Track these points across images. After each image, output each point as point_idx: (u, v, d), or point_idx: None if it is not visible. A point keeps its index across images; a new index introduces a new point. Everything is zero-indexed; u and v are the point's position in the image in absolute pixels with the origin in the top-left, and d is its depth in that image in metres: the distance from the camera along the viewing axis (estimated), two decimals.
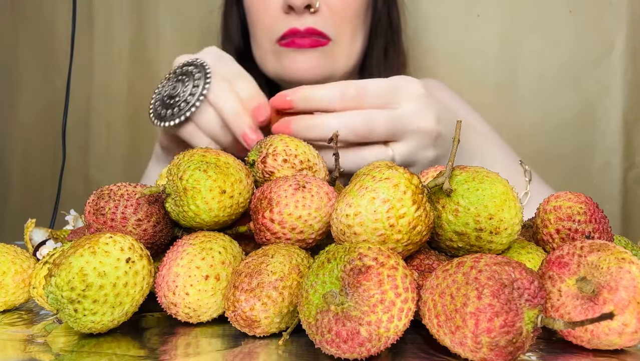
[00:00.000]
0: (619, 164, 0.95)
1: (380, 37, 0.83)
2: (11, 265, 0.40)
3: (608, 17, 0.93)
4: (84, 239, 0.34)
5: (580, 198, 0.39)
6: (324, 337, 0.29)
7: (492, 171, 0.36)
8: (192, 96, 0.57)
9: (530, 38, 0.97)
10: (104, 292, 0.32)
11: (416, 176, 0.33)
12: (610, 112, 0.94)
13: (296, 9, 0.70)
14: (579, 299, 0.30)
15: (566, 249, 0.32)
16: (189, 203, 0.36)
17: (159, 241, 0.40)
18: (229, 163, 0.38)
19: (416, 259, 0.36)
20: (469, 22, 0.99)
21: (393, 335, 0.29)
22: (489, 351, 0.28)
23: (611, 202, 0.95)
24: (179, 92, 0.58)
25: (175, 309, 0.36)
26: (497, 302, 0.27)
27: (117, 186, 0.40)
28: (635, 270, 0.30)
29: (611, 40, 0.94)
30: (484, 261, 0.29)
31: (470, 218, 0.34)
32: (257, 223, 0.38)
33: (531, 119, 0.97)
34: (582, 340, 0.31)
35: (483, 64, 0.99)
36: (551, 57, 0.96)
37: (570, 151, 0.96)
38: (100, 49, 1.13)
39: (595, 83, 0.95)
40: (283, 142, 0.43)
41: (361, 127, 0.52)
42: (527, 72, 0.97)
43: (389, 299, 0.28)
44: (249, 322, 0.33)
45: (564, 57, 0.96)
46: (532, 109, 0.97)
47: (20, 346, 0.33)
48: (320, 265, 0.31)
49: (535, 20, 0.96)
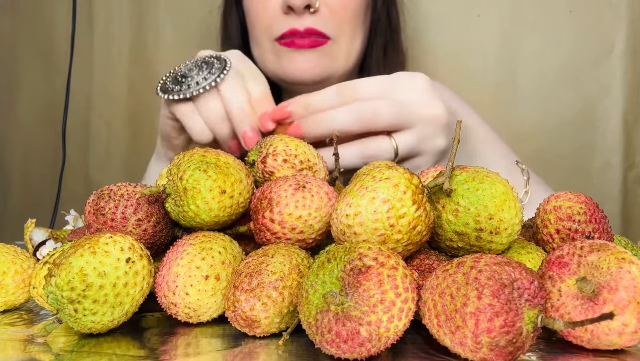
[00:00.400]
0: (619, 164, 0.95)
1: (379, 37, 0.84)
2: (11, 265, 0.40)
3: (608, 17, 0.93)
4: (84, 239, 0.34)
5: (580, 198, 0.39)
6: (324, 337, 0.29)
7: (492, 171, 0.36)
8: (205, 80, 0.58)
9: (530, 38, 0.97)
10: (104, 292, 0.32)
11: (416, 176, 0.33)
12: (610, 112, 0.94)
13: (296, 10, 0.70)
14: (579, 299, 0.30)
15: (566, 249, 0.32)
16: (189, 203, 0.36)
17: (159, 241, 0.40)
18: (229, 163, 0.38)
19: (416, 259, 0.36)
20: (469, 22, 0.99)
21: (393, 335, 0.29)
22: (489, 351, 0.28)
23: (611, 202, 0.95)
24: (194, 74, 0.59)
25: (175, 309, 0.36)
26: (497, 302, 0.27)
27: (117, 186, 0.40)
28: (635, 270, 0.30)
29: (611, 40, 0.94)
30: (484, 261, 0.29)
31: (470, 218, 0.34)
32: (257, 223, 0.38)
33: (531, 119, 0.97)
34: (582, 340, 0.31)
35: (483, 64, 0.99)
36: (551, 57, 0.96)
37: (570, 151, 0.96)
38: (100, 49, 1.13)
39: (595, 83, 0.95)
40: (283, 142, 0.43)
41: (366, 115, 0.52)
42: (527, 72, 0.97)
43: (389, 300, 0.28)
44: (249, 322, 0.33)
45: (564, 57, 0.96)
46: (532, 109, 0.97)
47: (20, 346, 0.33)
48: (320, 265, 0.31)
49: (535, 20, 0.96)
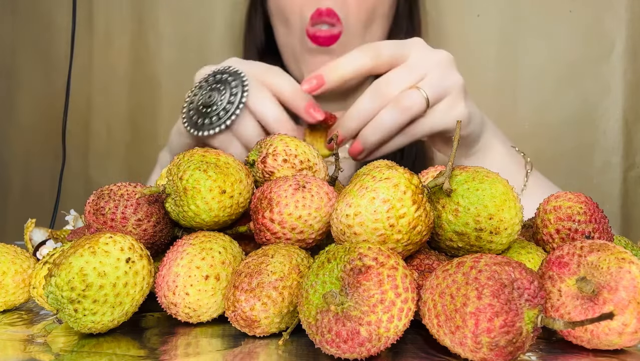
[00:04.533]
0: (619, 164, 0.95)
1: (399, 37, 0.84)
2: (11, 265, 0.40)
3: (608, 17, 0.93)
4: (84, 239, 0.34)
5: (580, 198, 0.39)
6: (324, 337, 0.29)
7: (492, 171, 0.36)
8: (231, 104, 0.56)
9: (530, 38, 0.97)
10: (104, 292, 0.32)
11: (416, 176, 0.33)
12: (610, 112, 0.94)
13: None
14: (579, 299, 0.30)
15: (566, 249, 0.32)
16: (189, 203, 0.36)
17: (159, 241, 0.40)
18: (229, 163, 0.38)
19: (416, 259, 0.36)
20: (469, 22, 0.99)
21: (393, 335, 0.29)
22: (489, 351, 0.28)
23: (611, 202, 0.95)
24: (216, 100, 0.57)
25: (175, 309, 0.36)
26: (497, 302, 0.27)
27: (117, 186, 0.40)
28: (635, 270, 0.30)
29: (611, 40, 0.94)
30: (484, 261, 0.29)
31: (470, 218, 0.34)
32: (257, 223, 0.38)
33: (531, 119, 0.97)
34: (582, 340, 0.31)
35: (483, 64, 0.99)
36: (551, 57, 0.96)
37: (570, 150, 0.96)
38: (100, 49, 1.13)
39: (595, 83, 0.95)
40: (283, 143, 0.43)
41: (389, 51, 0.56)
42: (527, 72, 0.97)
43: (389, 299, 0.28)
44: (249, 322, 0.33)
45: (564, 57, 0.96)
46: (532, 109, 0.97)
47: (20, 346, 0.33)
48: (320, 265, 0.31)
49: (535, 20, 0.96)
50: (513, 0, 0.97)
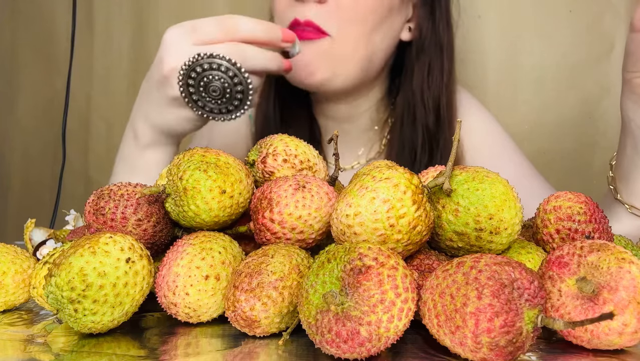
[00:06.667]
0: None
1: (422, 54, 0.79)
2: (11, 265, 0.40)
3: (608, 17, 0.93)
4: (84, 239, 0.34)
5: (580, 198, 0.39)
6: (324, 337, 0.29)
7: (492, 171, 0.36)
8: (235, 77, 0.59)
9: (530, 38, 0.97)
10: (104, 292, 0.32)
11: (416, 176, 0.33)
12: (610, 112, 0.94)
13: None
14: (579, 299, 0.30)
15: (566, 249, 0.32)
16: (189, 203, 0.36)
17: (159, 241, 0.40)
18: (229, 163, 0.38)
19: (416, 259, 0.36)
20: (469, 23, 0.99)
21: (393, 335, 0.29)
22: (489, 351, 0.28)
23: None
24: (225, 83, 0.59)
25: (175, 309, 0.36)
26: (497, 302, 0.27)
27: (117, 186, 0.40)
28: (635, 270, 0.30)
29: (611, 40, 0.94)
30: (484, 261, 0.29)
31: (470, 218, 0.34)
32: (257, 223, 0.38)
33: (531, 119, 0.97)
34: (582, 340, 0.31)
35: (483, 64, 0.99)
36: (551, 57, 0.96)
37: (570, 150, 0.96)
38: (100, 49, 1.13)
39: (595, 83, 0.95)
40: (283, 142, 0.43)
41: None
42: (527, 72, 0.97)
43: (389, 300, 0.28)
44: (249, 322, 0.33)
45: (564, 57, 0.96)
46: (532, 109, 0.97)
47: (20, 346, 0.33)
48: (320, 265, 0.31)
49: (535, 20, 0.96)
50: (513, 1, 0.97)
